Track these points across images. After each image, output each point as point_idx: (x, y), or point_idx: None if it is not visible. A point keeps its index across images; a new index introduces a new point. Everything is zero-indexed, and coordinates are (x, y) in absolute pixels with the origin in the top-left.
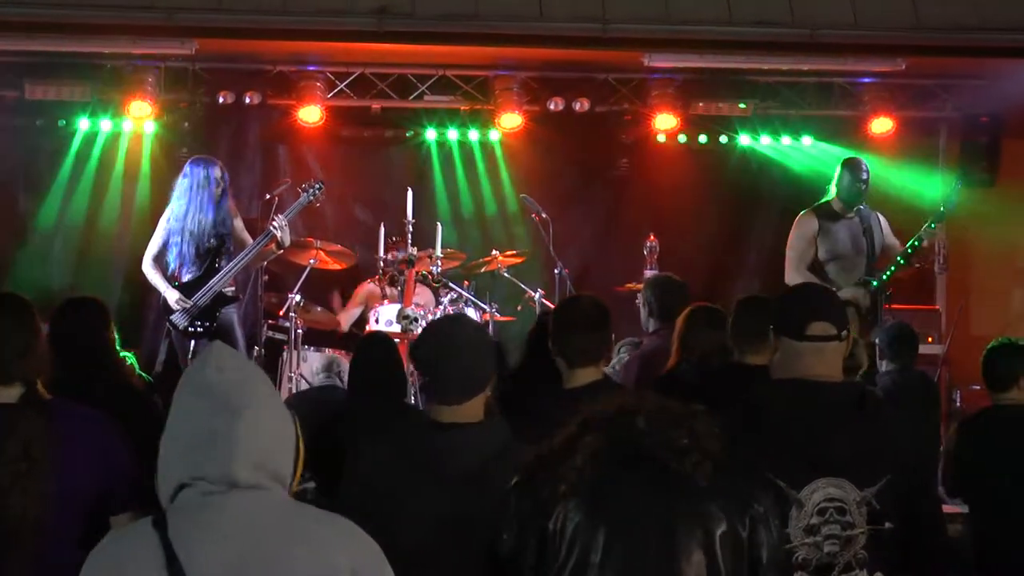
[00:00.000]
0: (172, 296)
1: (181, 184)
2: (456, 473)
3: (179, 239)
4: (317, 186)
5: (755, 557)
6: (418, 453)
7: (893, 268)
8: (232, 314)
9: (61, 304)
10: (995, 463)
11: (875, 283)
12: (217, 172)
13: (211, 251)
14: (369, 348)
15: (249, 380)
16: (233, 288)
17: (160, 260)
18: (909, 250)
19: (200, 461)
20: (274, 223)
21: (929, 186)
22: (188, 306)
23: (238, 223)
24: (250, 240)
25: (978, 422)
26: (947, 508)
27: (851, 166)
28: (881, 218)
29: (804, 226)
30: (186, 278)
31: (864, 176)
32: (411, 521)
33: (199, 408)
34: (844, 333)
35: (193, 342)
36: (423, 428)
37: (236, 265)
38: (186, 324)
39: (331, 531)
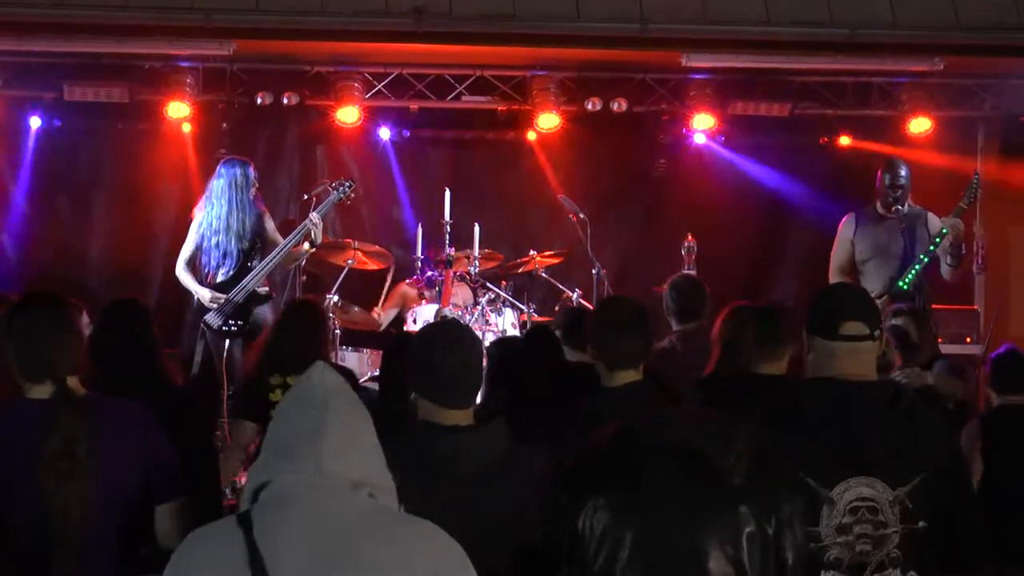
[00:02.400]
0: (206, 294)
1: (217, 185)
2: (464, 473)
3: (221, 238)
4: (348, 184)
5: (781, 559)
6: (425, 455)
7: (917, 267)
8: (266, 313)
9: (105, 305)
10: None
11: (902, 284)
12: (252, 172)
13: (245, 252)
14: (399, 350)
15: (349, 391)
16: (267, 288)
17: (193, 263)
18: (932, 248)
19: (292, 456)
20: (311, 218)
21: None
22: (222, 302)
23: (270, 224)
24: (282, 241)
25: None
26: None
27: (888, 168)
28: (931, 217)
29: (843, 230)
30: (220, 279)
31: (901, 180)
32: None
33: (297, 410)
34: (877, 332)
35: (228, 341)
36: (428, 431)
37: (269, 264)
38: (220, 323)
39: (415, 533)
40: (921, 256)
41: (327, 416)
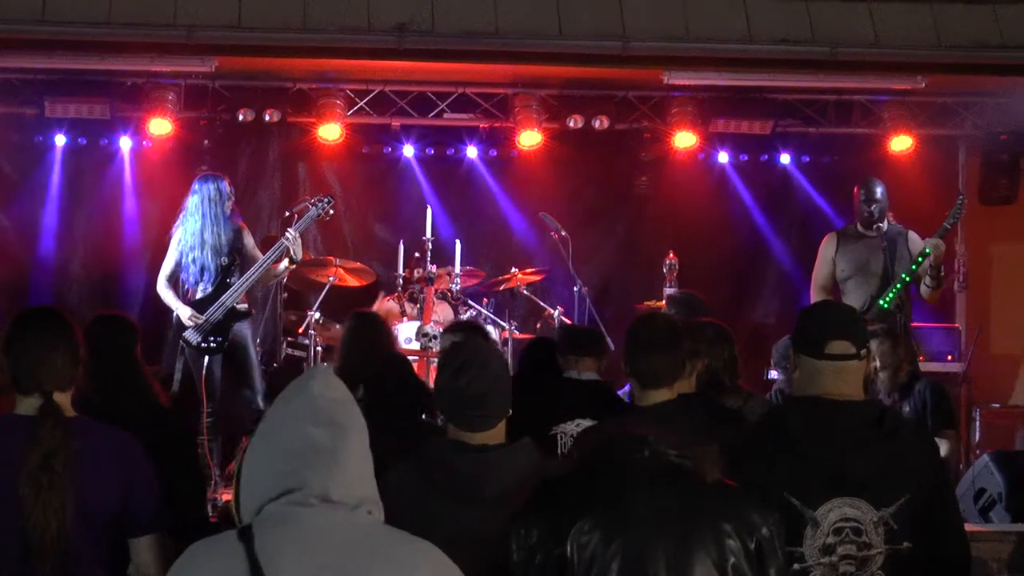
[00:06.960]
0: (184, 312)
1: (191, 201)
2: (491, 494)
3: (198, 253)
4: (327, 200)
5: None
6: (448, 475)
7: (898, 286)
8: (245, 329)
9: (90, 320)
10: None
11: (882, 303)
12: (226, 186)
13: (223, 267)
14: (385, 367)
15: (351, 402)
16: (246, 304)
17: (173, 279)
18: (913, 267)
19: (299, 473)
20: (287, 235)
21: (949, 204)
22: (200, 322)
23: (249, 239)
24: (261, 257)
25: None
26: (969, 527)
27: (864, 187)
28: (912, 236)
29: (824, 248)
30: (199, 295)
31: (876, 196)
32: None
33: (301, 422)
34: (863, 352)
35: (207, 358)
36: (451, 450)
37: (248, 280)
38: (199, 340)
39: (415, 552)
40: (903, 276)
41: (335, 434)
